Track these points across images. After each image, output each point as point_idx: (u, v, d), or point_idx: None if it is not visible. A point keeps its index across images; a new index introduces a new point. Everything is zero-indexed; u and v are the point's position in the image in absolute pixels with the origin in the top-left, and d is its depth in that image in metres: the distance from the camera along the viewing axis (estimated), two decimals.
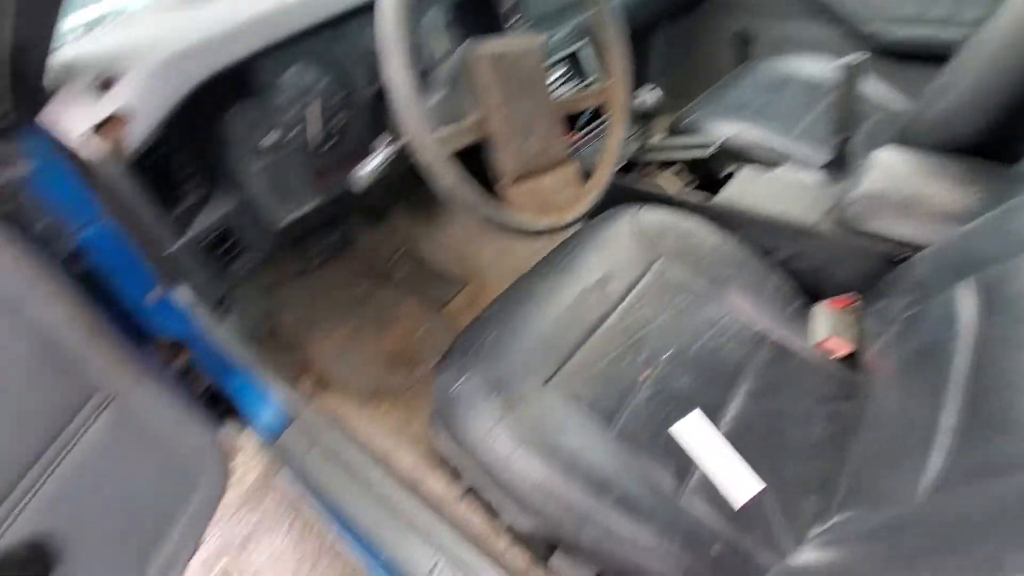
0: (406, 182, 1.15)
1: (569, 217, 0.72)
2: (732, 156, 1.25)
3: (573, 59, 1.17)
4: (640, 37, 1.51)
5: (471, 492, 0.84)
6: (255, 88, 0.75)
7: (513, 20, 1.01)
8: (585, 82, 1.15)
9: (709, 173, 1.27)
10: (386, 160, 0.72)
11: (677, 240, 1.00)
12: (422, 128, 0.58)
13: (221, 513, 1.02)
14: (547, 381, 0.78)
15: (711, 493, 0.70)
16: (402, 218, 1.55)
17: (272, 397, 1.11)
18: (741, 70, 1.59)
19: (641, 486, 0.69)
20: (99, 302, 0.78)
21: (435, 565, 0.85)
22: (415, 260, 1.49)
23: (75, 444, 0.69)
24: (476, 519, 0.87)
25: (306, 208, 0.82)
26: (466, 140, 0.64)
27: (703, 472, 0.72)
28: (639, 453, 0.72)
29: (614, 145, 0.81)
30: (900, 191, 0.90)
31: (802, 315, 0.94)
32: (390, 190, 0.92)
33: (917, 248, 0.84)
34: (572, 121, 1.14)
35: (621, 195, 1.09)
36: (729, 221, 1.05)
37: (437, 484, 0.96)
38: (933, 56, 1.23)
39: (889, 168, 0.94)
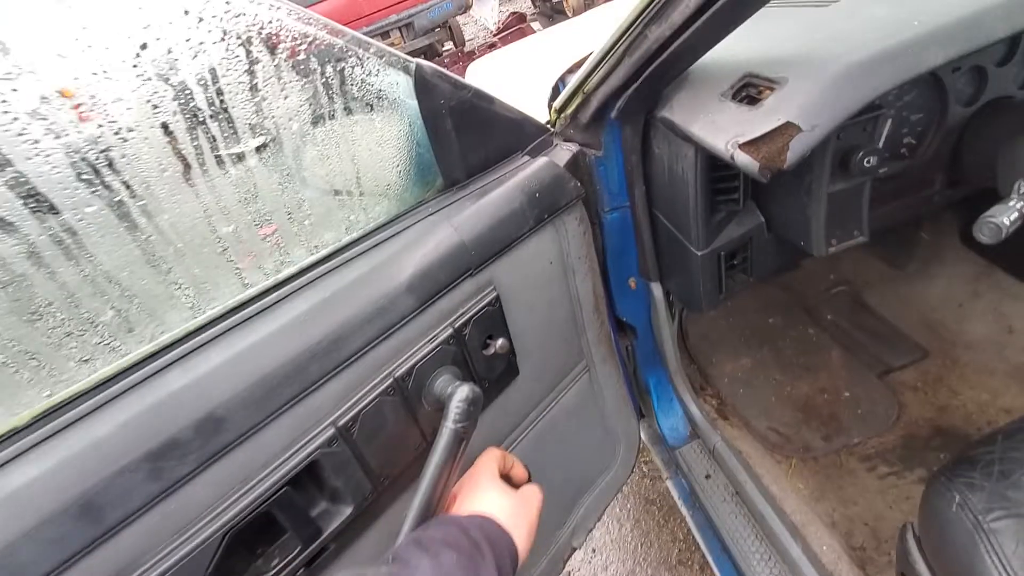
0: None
1: None
2: None
3: None
4: None
5: None
6: None
7: None
8: None
9: None
10: None
11: None
12: None
13: None
14: None
15: None
16: (855, 250, 1.31)
17: (679, 406, 1.10)
18: None
19: None
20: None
21: None
22: (858, 304, 1.25)
23: (559, 399, 0.79)
24: None
25: (855, 241, 0.72)
26: None
27: None
28: None
29: None
30: None
31: None
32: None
33: None
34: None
35: None
36: None
37: None
38: None
39: None
